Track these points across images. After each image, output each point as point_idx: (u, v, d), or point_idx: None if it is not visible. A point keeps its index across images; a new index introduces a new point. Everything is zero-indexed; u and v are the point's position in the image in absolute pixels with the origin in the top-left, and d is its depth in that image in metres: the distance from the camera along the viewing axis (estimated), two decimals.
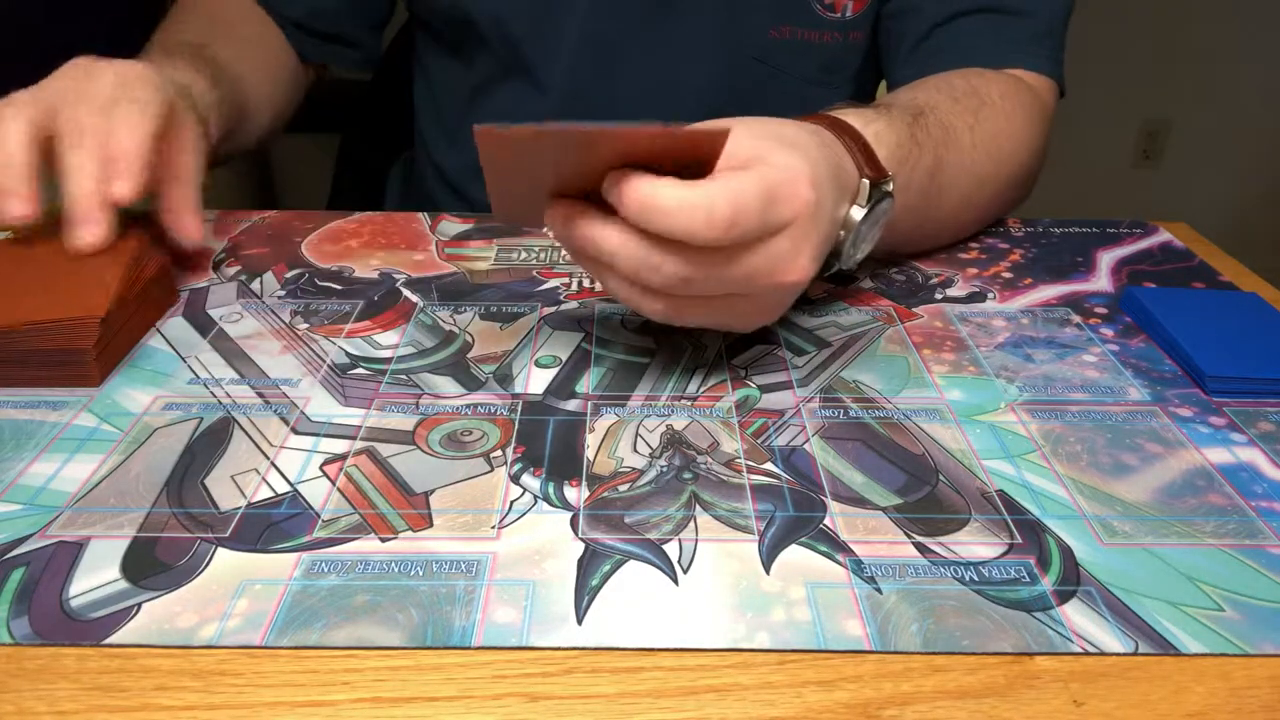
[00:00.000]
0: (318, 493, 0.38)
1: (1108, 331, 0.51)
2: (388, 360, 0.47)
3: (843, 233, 0.45)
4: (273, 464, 0.39)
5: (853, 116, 0.48)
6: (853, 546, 0.36)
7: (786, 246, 0.39)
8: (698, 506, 0.37)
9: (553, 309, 0.53)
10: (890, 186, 0.46)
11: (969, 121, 0.55)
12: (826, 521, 0.37)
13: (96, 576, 0.33)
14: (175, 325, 0.50)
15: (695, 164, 0.38)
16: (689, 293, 0.39)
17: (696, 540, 0.36)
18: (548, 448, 0.41)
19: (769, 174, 0.38)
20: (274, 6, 0.72)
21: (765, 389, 0.45)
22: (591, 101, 0.71)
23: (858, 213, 0.45)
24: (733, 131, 0.39)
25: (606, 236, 0.38)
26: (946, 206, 0.56)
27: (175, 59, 0.59)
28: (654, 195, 0.36)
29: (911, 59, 0.65)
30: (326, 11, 0.73)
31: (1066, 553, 0.35)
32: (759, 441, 0.41)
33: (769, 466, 0.40)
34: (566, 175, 0.39)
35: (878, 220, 0.47)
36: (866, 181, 0.45)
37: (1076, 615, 0.33)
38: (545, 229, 0.40)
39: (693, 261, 0.38)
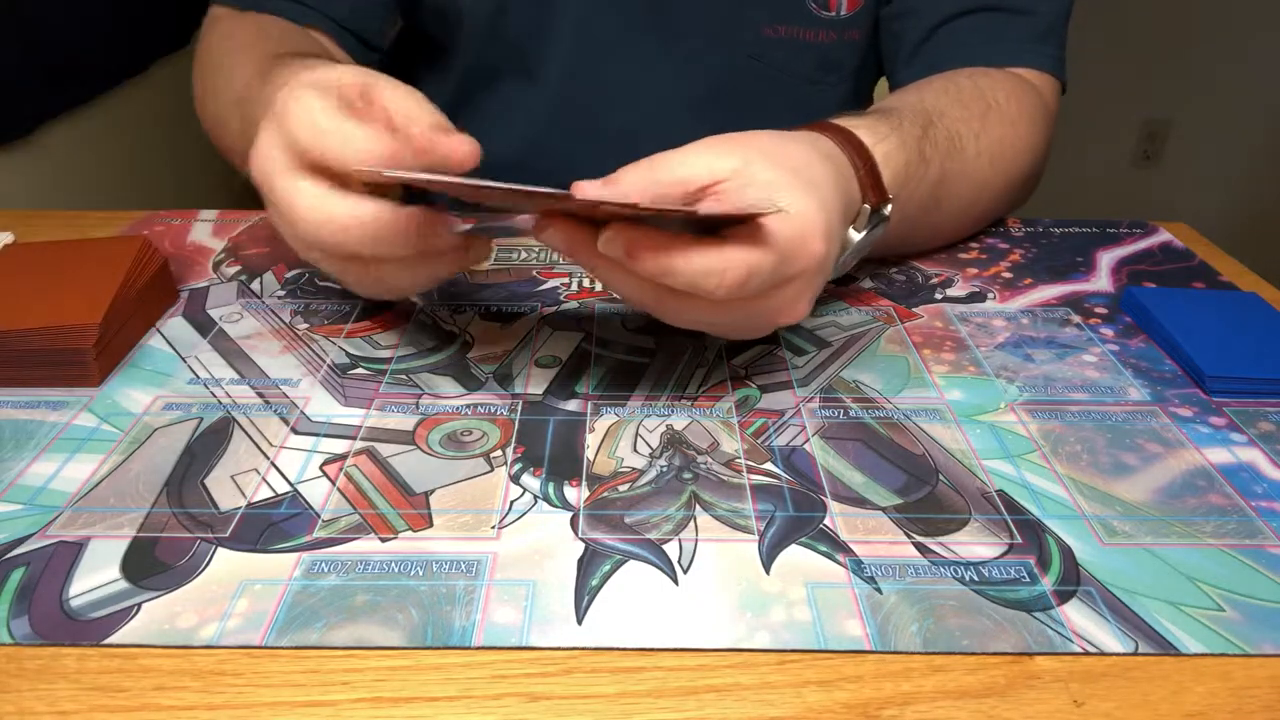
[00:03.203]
0: (318, 493, 0.38)
1: (1108, 331, 0.51)
2: (388, 360, 0.47)
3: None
4: (273, 464, 0.39)
5: (864, 131, 0.47)
6: (853, 546, 0.36)
7: (791, 294, 0.40)
8: (698, 506, 0.37)
9: (553, 309, 0.52)
10: (889, 210, 0.46)
11: (975, 129, 0.55)
12: (826, 521, 0.37)
13: (96, 576, 0.33)
14: (175, 325, 0.50)
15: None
16: (690, 318, 0.41)
17: (696, 540, 0.36)
18: (548, 448, 0.41)
19: (784, 231, 0.37)
20: (328, 12, 0.69)
21: (765, 389, 0.45)
22: (586, 97, 0.71)
23: (855, 235, 0.45)
24: (749, 154, 0.38)
25: (615, 279, 0.39)
26: (946, 214, 0.56)
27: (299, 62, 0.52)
28: (669, 259, 0.36)
29: (914, 60, 0.65)
30: (367, 13, 0.71)
31: (1066, 553, 0.35)
32: (759, 441, 0.41)
33: (769, 466, 0.40)
34: (543, 208, 0.39)
35: (868, 246, 0.47)
36: (868, 207, 0.45)
37: (1076, 615, 0.33)
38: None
39: (698, 305, 0.38)
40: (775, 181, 0.39)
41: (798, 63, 0.69)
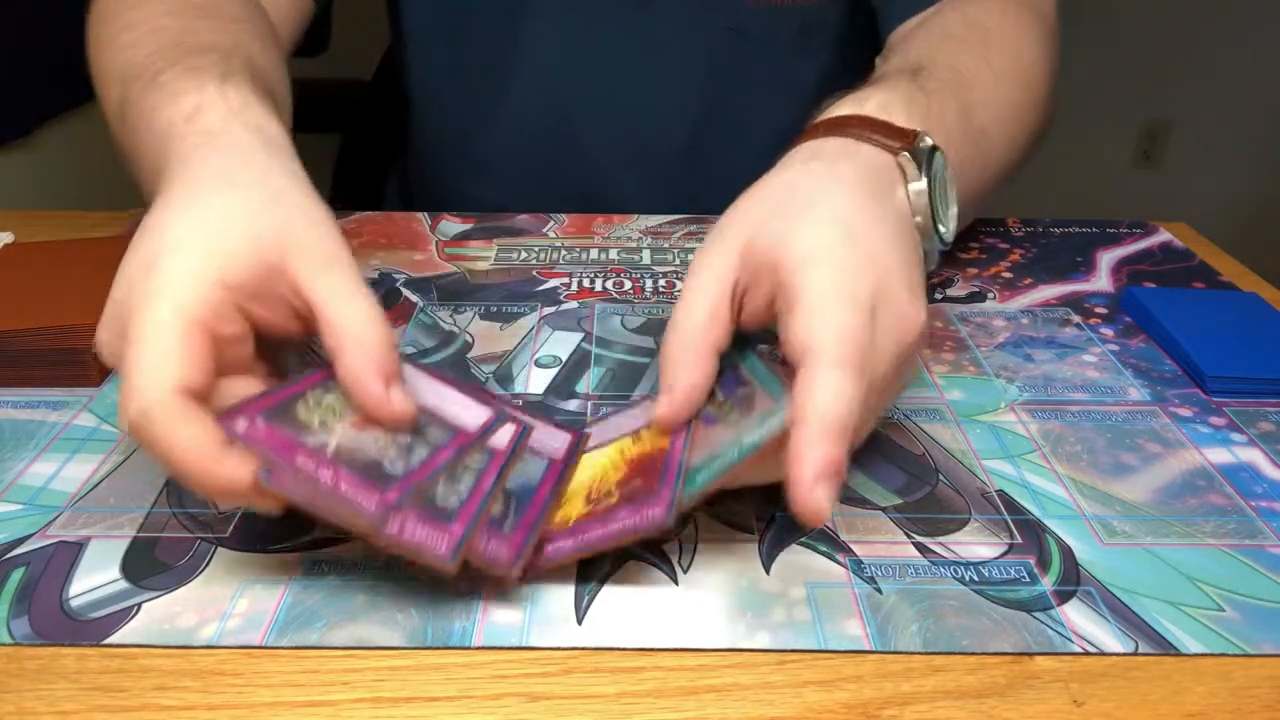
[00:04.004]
0: None
1: (1108, 331, 0.51)
2: None
3: (919, 219, 0.40)
4: None
5: (845, 105, 0.43)
6: (853, 546, 0.36)
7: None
8: None
9: (553, 309, 0.52)
10: (928, 142, 0.41)
11: (981, 53, 0.52)
12: (826, 521, 0.37)
13: (96, 576, 0.33)
14: None
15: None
16: None
17: (696, 540, 0.36)
18: None
19: (840, 316, 0.33)
20: None
21: None
22: (571, 78, 0.71)
23: (919, 186, 0.40)
24: (741, 255, 0.36)
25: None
26: (997, 144, 0.51)
27: (238, 83, 0.41)
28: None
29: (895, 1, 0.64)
30: None
31: (1066, 553, 0.35)
32: None
33: None
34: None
35: (947, 181, 0.42)
36: (906, 154, 0.40)
37: (1076, 615, 0.33)
38: None
39: None
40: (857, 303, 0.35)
41: (781, 31, 0.69)
